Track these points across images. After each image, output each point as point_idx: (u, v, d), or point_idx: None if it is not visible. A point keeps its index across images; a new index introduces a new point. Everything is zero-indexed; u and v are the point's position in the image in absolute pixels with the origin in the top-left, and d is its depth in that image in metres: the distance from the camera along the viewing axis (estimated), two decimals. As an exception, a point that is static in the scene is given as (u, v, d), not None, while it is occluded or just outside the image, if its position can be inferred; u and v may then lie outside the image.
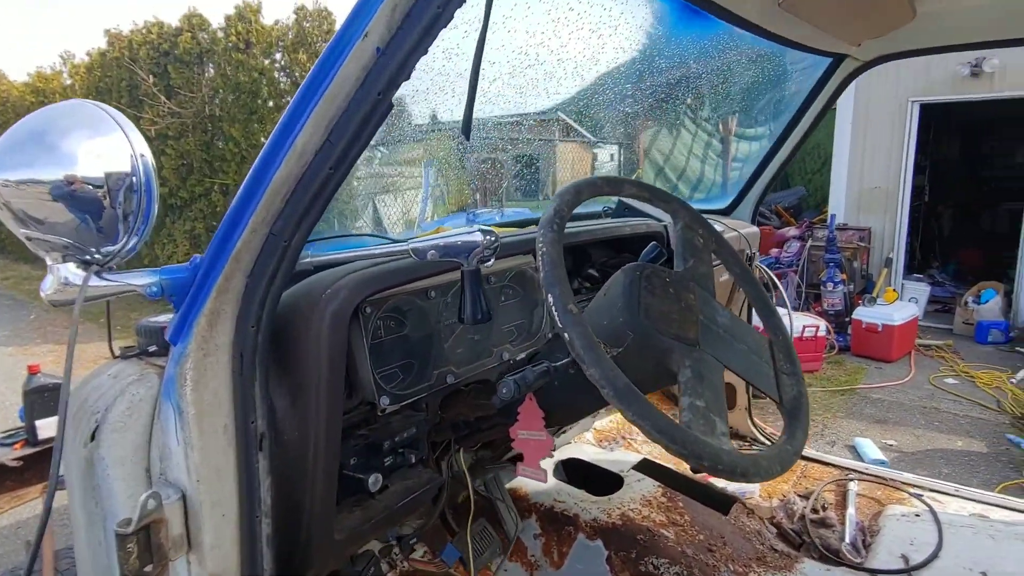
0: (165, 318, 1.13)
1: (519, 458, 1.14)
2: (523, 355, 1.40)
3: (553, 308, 0.78)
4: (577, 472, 2.06)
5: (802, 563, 1.74)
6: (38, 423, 2.00)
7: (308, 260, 0.90)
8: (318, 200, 0.79)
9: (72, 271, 0.81)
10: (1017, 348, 5.66)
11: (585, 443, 2.39)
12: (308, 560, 0.98)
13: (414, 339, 1.16)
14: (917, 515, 2.04)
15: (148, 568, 0.84)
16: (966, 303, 6.18)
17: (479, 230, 0.90)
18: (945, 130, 8.38)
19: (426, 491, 1.17)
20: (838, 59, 2.04)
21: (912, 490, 2.20)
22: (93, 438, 0.93)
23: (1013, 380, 4.96)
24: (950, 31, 1.78)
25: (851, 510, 2.14)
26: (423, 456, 1.21)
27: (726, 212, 2.55)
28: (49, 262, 0.81)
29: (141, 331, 1.10)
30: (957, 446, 4.21)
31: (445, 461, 1.32)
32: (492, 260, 0.92)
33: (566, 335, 0.77)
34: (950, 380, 5.13)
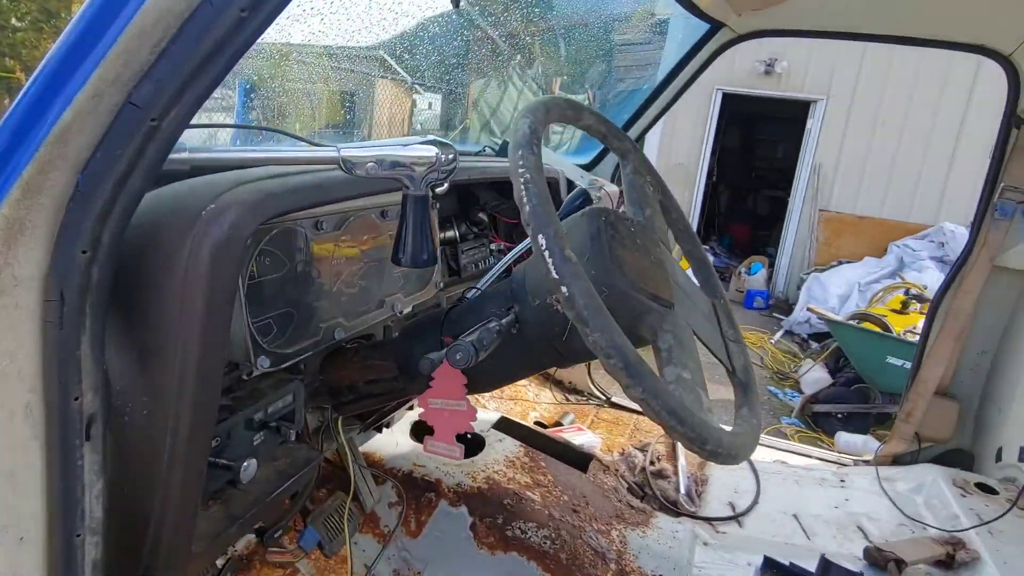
0: None
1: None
2: (411, 308, 1.18)
3: (547, 254, 0.60)
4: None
5: (655, 518, 1.80)
6: None
7: (184, 156, 0.59)
8: (217, 59, 0.50)
9: None
10: (775, 314, 6.68)
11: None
12: (153, 582, 0.70)
13: (299, 283, 0.89)
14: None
15: None
16: (739, 274, 7.11)
17: (435, 141, 0.67)
18: (730, 119, 9.45)
19: (304, 473, 0.93)
20: (715, 27, 2.06)
21: (729, 440, 2.42)
22: None
23: (772, 340, 5.84)
24: (825, 17, 1.87)
25: (682, 461, 2.28)
26: (299, 430, 0.95)
27: (588, 168, 2.51)
28: None
29: None
30: (729, 397, 4.84)
31: (320, 434, 1.07)
32: (446, 184, 0.70)
33: (564, 290, 0.60)
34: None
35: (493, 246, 1.45)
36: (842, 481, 2.13)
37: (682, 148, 7.21)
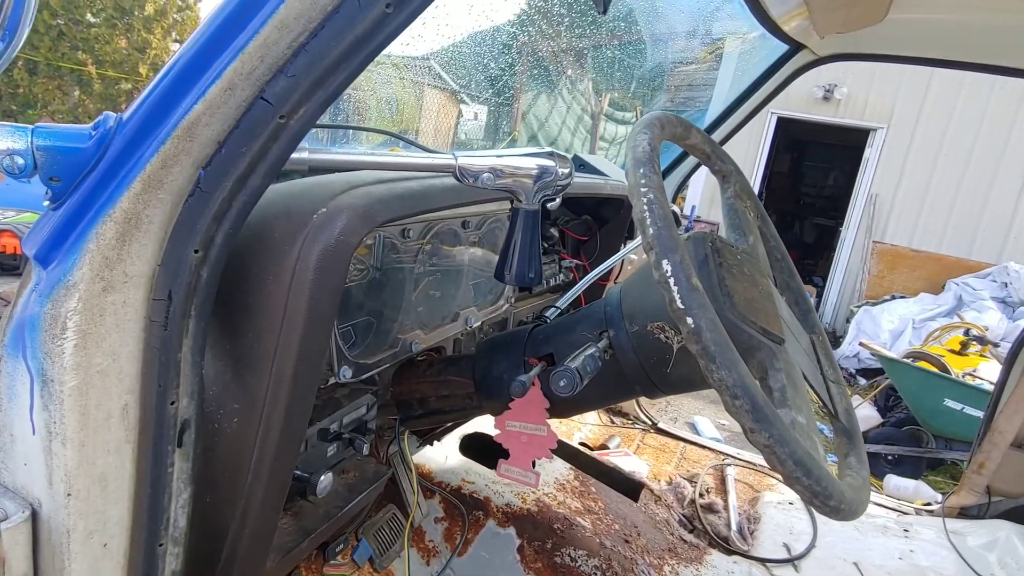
0: (3, 215, 0.71)
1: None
2: (481, 322, 1.15)
3: (672, 282, 0.55)
4: (484, 449, 1.86)
5: (709, 555, 1.72)
6: None
7: (304, 156, 0.57)
8: (353, 57, 0.47)
9: None
10: (821, 345, 6.46)
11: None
12: (225, 598, 0.67)
13: (381, 291, 0.86)
14: (791, 503, 2.14)
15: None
16: (785, 301, 6.92)
17: (551, 154, 0.64)
18: (781, 144, 9.28)
19: (374, 488, 0.89)
20: (794, 49, 1.99)
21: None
22: None
23: (818, 373, 5.64)
24: (912, 42, 1.79)
25: (732, 496, 2.19)
26: (370, 443, 0.92)
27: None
28: None
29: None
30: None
31: (384, 448, 1.04)
32: (559, 199, 0.66)
33: (690, 321, 0.55)
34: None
35: (564, 263, 1.40)
36: (906, 531, 2.01)
37: (733, 170, 7.07)
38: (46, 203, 0.49)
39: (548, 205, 0.70)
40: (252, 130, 0.48)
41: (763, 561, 1.80)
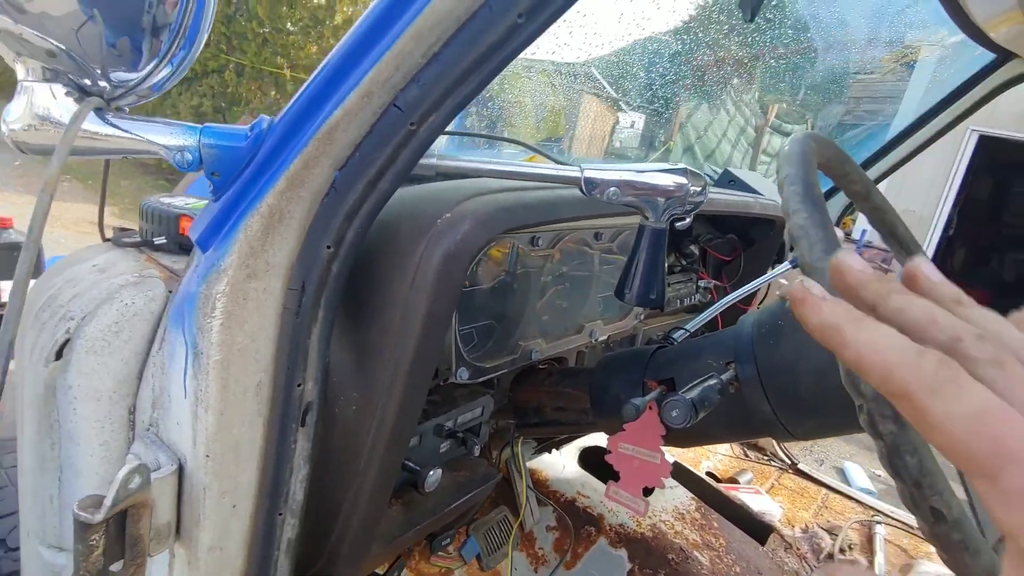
0: (186, 202, 0.82)
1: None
2: (607, 337, 1.12)
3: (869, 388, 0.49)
4: (602, 465, 1.82)
5: (844, 619, 1.54)
6: (2, 284, 1.69)
7: (432, 162, 0.60)
8: (484, 66, 0.48)
9: (60, 100, 0.50)
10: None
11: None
12: (331, 573, 0.71)
13: (505, 296, 0.87)
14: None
15: (116, 567, 0.56)
16: (971, 345, 6.05)
17: (683, 171, 0.60)
18: (982, 166, 8.12)
19: (482, 490, 0.91)
20: (1003, 58, 1.72)
21: (945, 548, 2.02)
22: (60, 355, 0.64)
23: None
24: None
25: (880, 558, 1.95)
26: (483, 444, 0.93)
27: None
28: (22, 76, 0.49)
29: (149, 214, 0.79)
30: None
31: (498, 451, 1.05)
32: (689, 219, 0.63)
33: (880, 419, 0.48)
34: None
35: (702, 283, 1.33)
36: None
37: (917, 193, 6.32)
38: (210, 195, 0.56)
39: (677, 224, 0.66)
40: (384, 136, 0.50)
41: (911, 640, 1.58)
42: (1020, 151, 6.31)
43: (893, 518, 2.20)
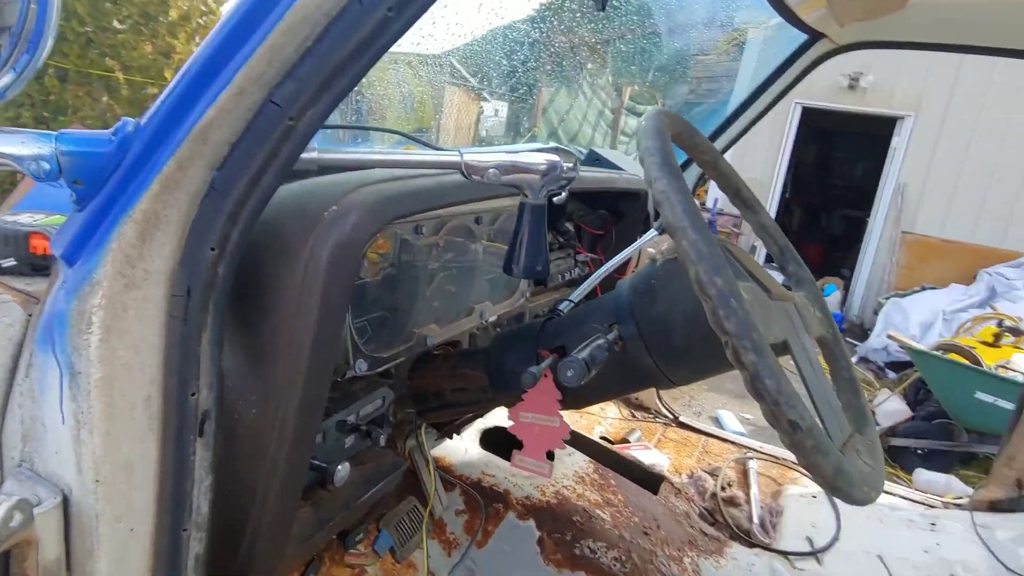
0: (33, 218, 0.75)
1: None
2: (496, 317, 1.16)
3: (711, 292, 0.55)
4: (503, 443, 1.88)
5: (730, 547, 1.72)
6: None
7: (313, 156, 0.59)
8: (358, 59, 0.49)
9: None
10: (849, 339, 6.36)
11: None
12: (247, 581, 0.70)
13: (396, 286, 0.88)
14: (814, 496, 2.12)
15: (1, 618, 0.52)
16: (811, 294, 6.82)
17: (555, 149, 0.65)
18: (807, 135, 9.12)
19: (390, 479, 0.92)
20: (813, 38, 1.96)
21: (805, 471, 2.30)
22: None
23: (846, 367, 5.55)
24: (936, 29, 1.75)
25: (755, 489, 2.18)
26: (387, 435, 0.94)
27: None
28: None
29: (-13, 233, 0.72)
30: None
31: (402, 441, 1.06)
32: (565, 193, 0.67)
33: (714, 291, 0.55)
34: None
35: (579, 257, 1.41)
36: (932, 524, 1.98)
37: (757, 162, 6.98)
38: (72, 206, 0.52)
39: (555, 199, 0.71)
40: (262, 132, 0.50)
41: (785, 554, 1.79)
42: (836, 120, 7.16)
43: (762, 452, 2.45)
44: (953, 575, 1.73)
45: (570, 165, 0.65)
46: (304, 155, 0.56)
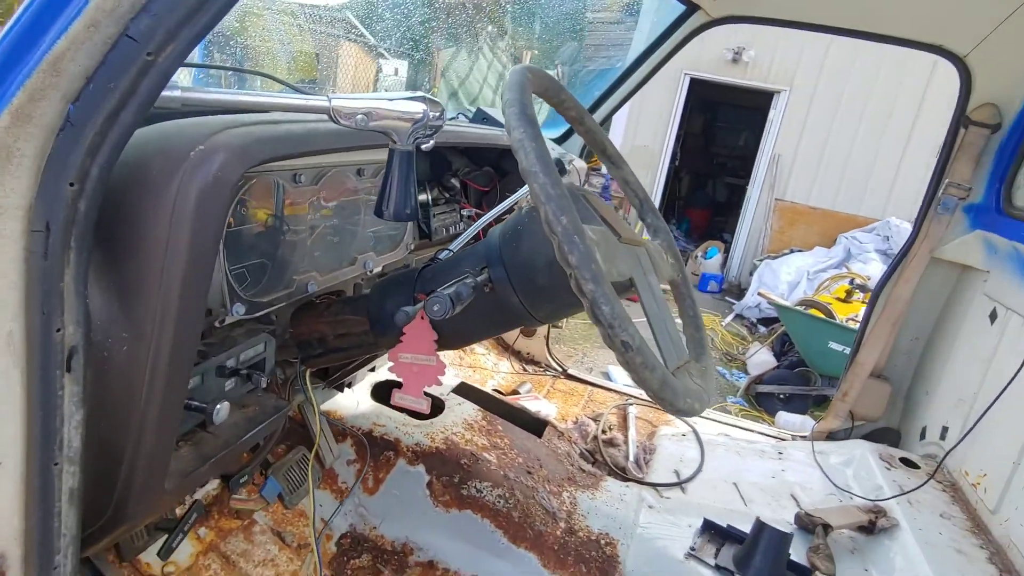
0: None
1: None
2: (381, 268, 1.20)
3: (557, 229, 0.62)
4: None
5: (605, 482, 1.88)
6: None
7: (176, 95, 0.59)
8: (217, -2, 0.51)
9: None
10: (727, 298, 6.89)
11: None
12: (123, 516, 0.71)
13: (274, 234, 0.90)
14: (683, 435, 2.35)
15: None
16: (696, 257, 7.29)
17: (423, 98, 0.69)
18: (695, 105, 9.58)
19: (273, 421, 0.95)
20: (691, 10, 2.10)
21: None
22: None
23: (723, 323, 6.03)
24: (794, 6, 1.92)
25: (632, 432, 2.38)
26: (269, 380, 0.97)
27: (559, 141, 2.54)
28: None
29: None
30: None
31: (288, 387, 1.09)
32: (432, 141, 0.72)
33: (560, 230, 0.62)
34: (678, 320, 6.05)
35: (464, 212, 1.47)
36: (780, 454, 2.26)
37: (647, 130, 7.29)
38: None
39: (423, 147, 0.76)
40: (119, 66, 0.51)
41: (654, 485, 1.99)
42: (722, 92, 7.58)
43: (642, 399, 2.66)
44: (793, 494, 1.99)
45: (437, 114, 0.70)
46: (166, 93, 0.57)
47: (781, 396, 4.55)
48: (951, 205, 2.14)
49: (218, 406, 0.80)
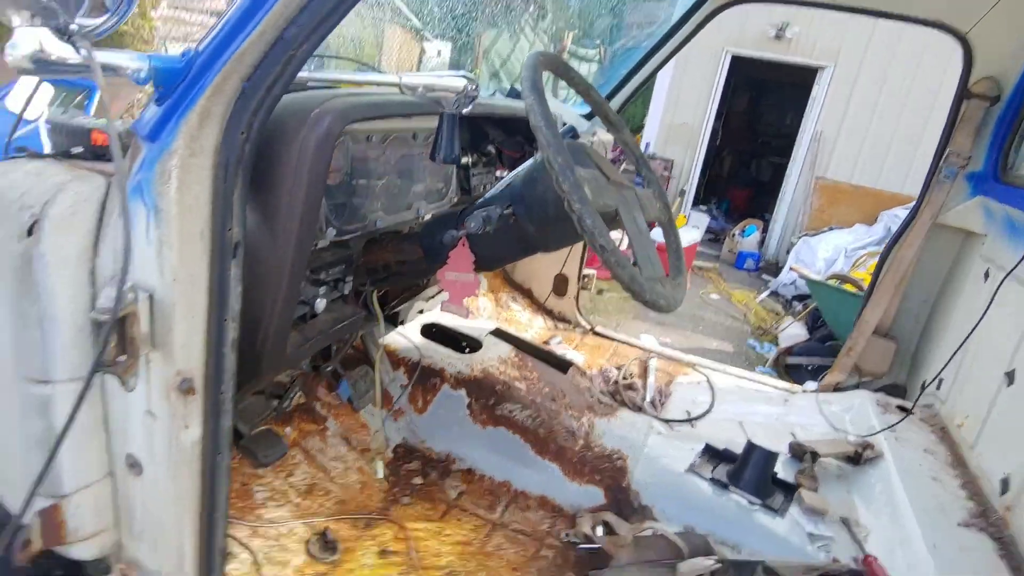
0: (86, 119, 1.04)
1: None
2: (431, 215, 1.51)
3: (555, 165, 0.91)
4: (440, 336, 2.25)
5: (620, 411, 2.16)
6: None
7: (305, 75, 0.89)
8: (340, 8, 0.81)
9: (48, 38, 0.74)
10: (764, 275, 7.00)
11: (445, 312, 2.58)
12: (261, 366, 1.04)
13: (355, 184, 1.21)
14: (698, 383, 2.60)
15: (122, 358, 0.85)
16: (733, 235, 7.40)
17: (464, 76, 0.98)
18: (738, 83, 9.56)
19: (353, 321, 1.27)
20: (707, -7, 2.31)
21: (695, 366, 2.79)
22: (30, 232, 0.88)
23: (758, 299, 6.17)
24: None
25: (651, 379, 2.64)
26: (348, 292, 1.29)
27: (588, 117, 2.79)
28: (17, 22, 0.73)
29: (59, 130, 1.01)
30: (714, 346, 5.23)
31: (360, 301, 1.41)
32: (471, 106, 1.01)
33: (557, 165, 0.91)
34: (714, 296, 6.23)
35: (499, 173, 1.76)
36: (786, 401, 2.49)
37: (687, 108, 7.39)
38: (153, 103, 0.83)
39: (463, 111, 1.04)
40: (274, 59, 0.82)
41: (667, 421, 2.25)
42: (764, 68, 7.60)
43: (663, 355, 2.92)
44: (793, 433, 2.23)
45: (473, 87, 1.00)
46: (300, 75, 0.87)
47: (810, 367, 4.70)
48: (953, 173, 2.31)
49: (318, 300, 1.12)
